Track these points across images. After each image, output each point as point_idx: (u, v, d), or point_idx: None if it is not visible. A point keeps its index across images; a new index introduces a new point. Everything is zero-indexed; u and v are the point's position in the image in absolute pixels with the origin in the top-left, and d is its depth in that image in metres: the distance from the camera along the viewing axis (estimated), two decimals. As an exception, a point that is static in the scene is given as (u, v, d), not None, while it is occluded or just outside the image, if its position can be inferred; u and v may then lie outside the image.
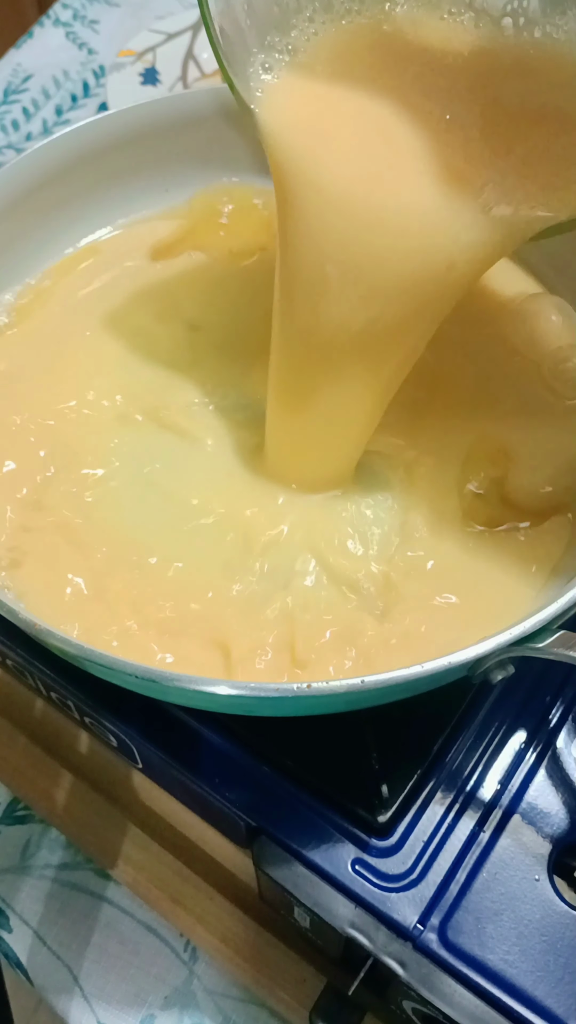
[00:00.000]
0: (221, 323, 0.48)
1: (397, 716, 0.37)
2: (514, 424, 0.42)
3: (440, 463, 0.42)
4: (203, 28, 0.39)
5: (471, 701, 0.39)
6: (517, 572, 0.38)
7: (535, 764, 0.38)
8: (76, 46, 0.91)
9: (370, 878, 0.35)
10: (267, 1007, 0.42)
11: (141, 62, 0.83)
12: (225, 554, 0.39)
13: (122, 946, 0.44)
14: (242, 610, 0.38)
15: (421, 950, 0.34)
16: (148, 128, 0.50)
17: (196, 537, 0.40)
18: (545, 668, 0.40)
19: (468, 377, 0.44)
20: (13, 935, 0.45)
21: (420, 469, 0.42)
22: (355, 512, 0.40)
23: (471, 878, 0.35)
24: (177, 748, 0.38)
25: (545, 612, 0.31)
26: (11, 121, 0.84)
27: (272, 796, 0.37)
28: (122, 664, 0.30)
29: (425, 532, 0.40)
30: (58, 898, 0.46)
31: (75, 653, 0.31)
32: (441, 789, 0.37)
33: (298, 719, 0.36)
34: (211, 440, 0.43)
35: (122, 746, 0.41)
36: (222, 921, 0.44)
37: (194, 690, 0.30)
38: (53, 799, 0.47)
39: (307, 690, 0.29)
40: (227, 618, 0.37)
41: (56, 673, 0.40)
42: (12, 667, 0.44)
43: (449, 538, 0.40)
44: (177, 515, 0.40)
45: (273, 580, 0.39)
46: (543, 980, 0.33)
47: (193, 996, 0.43)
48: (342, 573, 0.39)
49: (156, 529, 0.40)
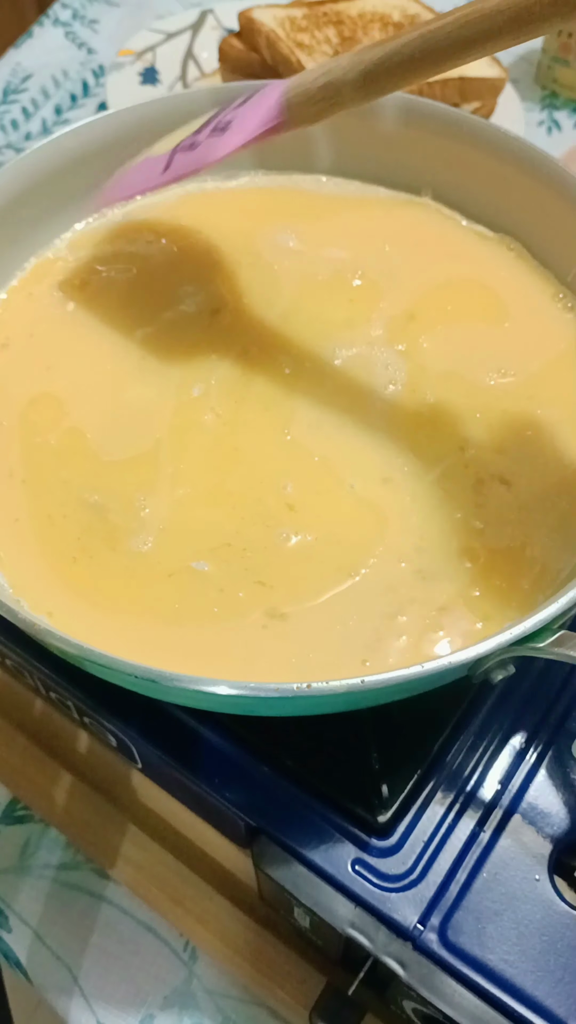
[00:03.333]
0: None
1: (397, 716, 0.37)
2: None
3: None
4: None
5: (471, 701, 0.39)
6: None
7: (535, 764, 0.38)
8: (76, 46, 0.91)
9: (370, 878, 0.35)
10: (267, 1007, 0.42)
11: (141, 62, 0.83)
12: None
13: (122, 946, 0.44)
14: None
15: (421, 950, 0.34)
16: (148, 128, 0.50)
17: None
18: (545, 668, 0.40)
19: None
20: (13, 935, 0.45)
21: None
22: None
23: (471, 878, 0.35)
24: (177, 748, 0.38)
25: (545, 612, 0.31)
26: (11, 121, 0.84)
27: (272, 796, 0.37)
28: (122, 664, 0.30)
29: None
30: (58, 898, 0.46)
31: (75, 653, 0.31)
32: (441, 789, 0.37)
33: (298, 719, 0.36)
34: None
35: (122, 746, 0.41)
36: (222, 921, 0.44)
37: (194, 690, 0.30)
38: (53, 799, 0.47)
39: (307, 690, 0.29)
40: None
41: (56, 673, 0.40)
42: (12, 667, 0.44)
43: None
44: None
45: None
46: (543, 980, 0.33)
47: (193, 996, 0.43)
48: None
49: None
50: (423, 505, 0.40)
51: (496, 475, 0.41)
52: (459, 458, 0.42)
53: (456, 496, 0.41)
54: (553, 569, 0.39)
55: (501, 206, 0.51)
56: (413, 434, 0.43)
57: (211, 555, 0.39)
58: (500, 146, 0.49)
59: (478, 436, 0.43)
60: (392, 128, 0.52)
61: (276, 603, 0.37)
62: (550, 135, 0.82)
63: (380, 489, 0.41)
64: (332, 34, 0.75)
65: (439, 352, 0.46)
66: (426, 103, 0.51)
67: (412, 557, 0.39)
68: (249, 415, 0.44)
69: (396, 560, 0.39)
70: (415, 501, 0.40)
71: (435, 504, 0.40)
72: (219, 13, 0.88)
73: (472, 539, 0.39)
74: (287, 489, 0.41)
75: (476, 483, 0.41)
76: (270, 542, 0.39)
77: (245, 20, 0.74)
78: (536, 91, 0.86)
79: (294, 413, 0.44)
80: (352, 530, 0.40)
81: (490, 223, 0.52)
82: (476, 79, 0.72)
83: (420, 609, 0.37)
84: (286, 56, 0.71)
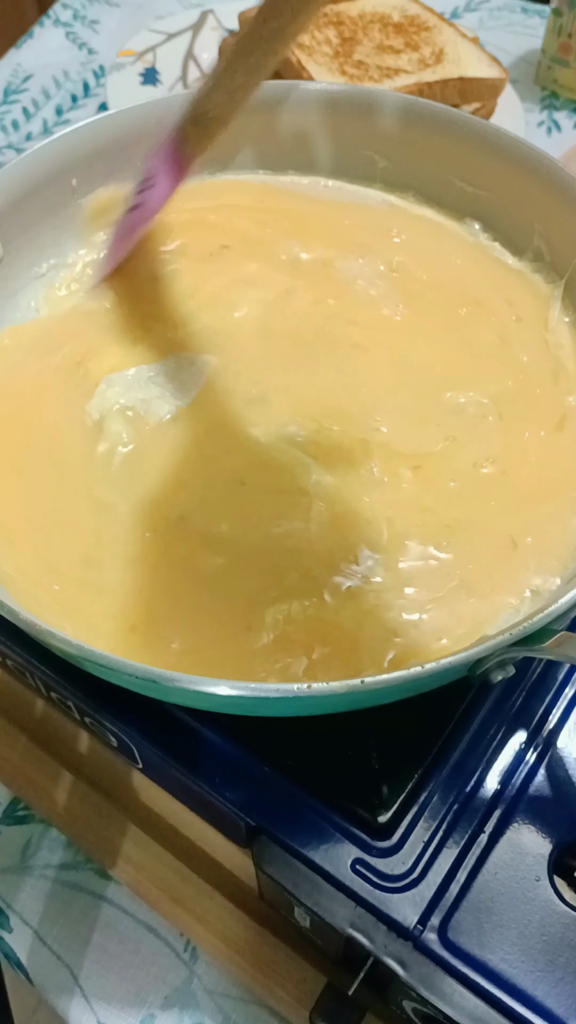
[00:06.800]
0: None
1: (397, 716, 0.37)
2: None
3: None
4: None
5: (471, 701, 0.39)
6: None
7: (535, 764, 0.38)
8: (76, 46, 0.91)
9: (370, 878, 0.35)
10: (267, 1007, 0.43)
11: (141, 62, 0.83)
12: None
13: (122, 946, 0.44)
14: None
15: (421, 950, 0.34)
16: (148, 128, 0.50)
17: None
18: (545, 668, 0.40)
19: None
20: (13, 935, 0.45)
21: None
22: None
23: (471, 878, 0.35)
24: (177, 748, 0.38)
25: (545, 612, 0.31)
26: (11, 121, 0.84)
27: (272, 796, 0.37)
28: (122, 664, 0.30)
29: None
30: (58, 898, 0.46)
31: (75, 653, 0.31)
32: (441, 789, 0.37)
33: (298, 719, 0.36)
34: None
35: (122, 746, 0.41)
36: (222, 921, 0.44)
37: (194, 690, 0.30)
38: (53, 799, 0.47)
39: (307, 690, 0.29)
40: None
41: (56, 673, 0.40)
42: (12, 667, 0.44)
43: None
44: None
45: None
46: (543, 980, 0.33)
47: (193, 996, 0.43)
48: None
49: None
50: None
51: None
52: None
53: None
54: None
55: (500, 206, 0.51)
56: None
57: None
58: (500, 147, 0.49)
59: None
60: (392, 128, 0.52)
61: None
62: (550, 135, 0.82)
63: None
64: (332, 35, 0.75)
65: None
66: (426, 104, 0.51)
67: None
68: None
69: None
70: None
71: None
72: (219, 13, 0.88)
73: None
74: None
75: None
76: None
77: (245, 20, 0.74)
78: (536, 91, 0.86)
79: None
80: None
81: (489, 223, 0.52)
82: (476, 80, 0.72)
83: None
84: (286, 56, 0.71)
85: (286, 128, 0.54)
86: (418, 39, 0.75)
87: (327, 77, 0.71)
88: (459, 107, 0.73)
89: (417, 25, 0.77)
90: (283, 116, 0.53)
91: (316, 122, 0.53)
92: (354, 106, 0.52)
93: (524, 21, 0.93)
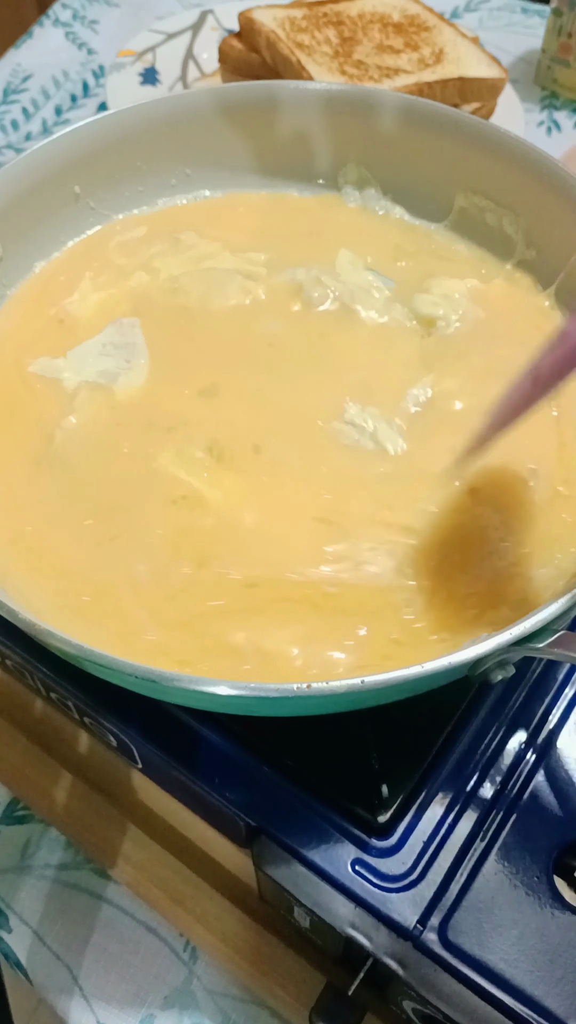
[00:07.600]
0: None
1: (397, 716, 0.37)
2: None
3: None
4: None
5: (471, 701, 0.39)
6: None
7: (535, 764, 0.38)
8: (76, 46, 0.91)
9: (370, 878, 0.35)
10: (267, 1007, 0.42)
11: (141, 62, 0.83)
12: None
13: (122, 946, 0.44)
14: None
15: (421, 950, 0.34)
16: (148, 128, 0.50)
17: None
18: (545, 668, 0.40)
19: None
20: (13, 935, 0.45)
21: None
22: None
23: (471, 878, 0.35)
24: (177, 748, 0.38)
25: (545, 612, 0.31)
26: (11, 121, 0.84)
27: (272, 796, 0.37)
28: (122, 664, 0.30)
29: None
30: (58, 898, 0.46)
31: (75, 653, 0.31)
32: (441, 789, 0.37)
33: (298, 719, 0.36)
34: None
35: (122, 746, 0.41)
36: (222, 921, 0.44)
37: (194, 690, 0.30)
38: (53, 799, 0.47)
39: (307, 690, 0.29)
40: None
41: (56, 673, 0.40)
42: (12, 667, 0.44)
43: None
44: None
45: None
46: (543, 980, 0.33)
47: (193, 996, 0.43)
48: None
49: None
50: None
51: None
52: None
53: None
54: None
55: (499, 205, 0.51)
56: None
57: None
58: (500, 147, 0.49)
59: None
60: (392, 129, 0.52)
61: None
62: (550, 135, 0.82)
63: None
64: (332, 35, 0.75)
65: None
66: (426, 103, 0.51)
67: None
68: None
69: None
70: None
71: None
72: (219, 14, 0.88)
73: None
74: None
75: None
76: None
77: (245, 21, 0.74)
78: (536, 91, 0.86)
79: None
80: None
81: (488, 223, 0.52)
82: (476, 79, 0.72)
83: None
84: (286, 57, 0.71)
85: (285, 128, 0.54)
86: (418, 39, 0.75)
87: (327, 77, 0.71)
88: (459, 107, 0.73)
89: (417, 25, 0.77)
90: (282, 116, 0.53)
91: (315, 122, 0.53)
92: (353, 106, 0.52)
93: (524, 21, 0.93)
